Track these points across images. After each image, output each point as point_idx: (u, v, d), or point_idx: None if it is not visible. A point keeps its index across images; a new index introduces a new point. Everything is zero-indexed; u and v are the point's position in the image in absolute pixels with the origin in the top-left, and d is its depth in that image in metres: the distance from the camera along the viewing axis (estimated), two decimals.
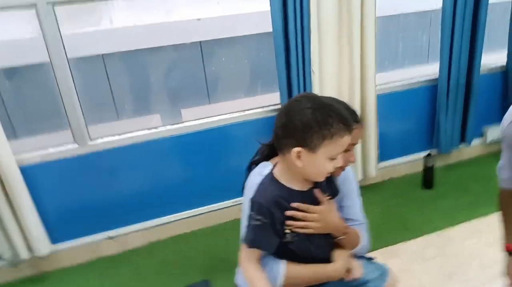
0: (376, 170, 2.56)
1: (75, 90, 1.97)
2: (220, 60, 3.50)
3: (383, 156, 2.61)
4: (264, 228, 0.97)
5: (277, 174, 1.02)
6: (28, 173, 1.94)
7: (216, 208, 2.37)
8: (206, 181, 2.30)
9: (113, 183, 2.14)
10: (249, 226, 1.00)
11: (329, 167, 0.96)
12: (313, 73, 2.17)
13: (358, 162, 2.50)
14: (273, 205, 0.97)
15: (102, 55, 3.17)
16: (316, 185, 1.02)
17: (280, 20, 2.02)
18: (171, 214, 2.30)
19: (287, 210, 0.99)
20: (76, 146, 2.03)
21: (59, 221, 2.10)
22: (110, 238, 2.20)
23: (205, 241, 2.27)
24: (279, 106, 2.28)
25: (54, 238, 2.09)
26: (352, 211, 1.22)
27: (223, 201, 2.37)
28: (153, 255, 2.19)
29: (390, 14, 3.35)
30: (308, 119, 0.90)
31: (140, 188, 2.19)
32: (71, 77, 1.93)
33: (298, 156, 0.93)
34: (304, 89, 2.21)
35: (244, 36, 3.27)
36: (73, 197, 2.09)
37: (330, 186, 1.09)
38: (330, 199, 1.08)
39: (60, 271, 2.12)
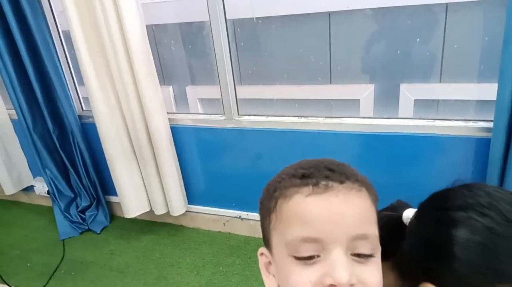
0: None
1: (230, 65, 1.80)
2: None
3: None
4: None
5: None
6: (177, 133, 1.99)
7: None
8: None
9: (254, 164, 1.96)
10: None
11: (305, 278, 0.44)
12: None
13: None
14: None
15: (329, 13, 2.88)
16: None
17: None
18: None
19: None
20: (223, 117, 1.92)
21: (198, 186, 2.12)
22: (240, 218, 2.09)
23: None
24: (491, 125, 1.44)
25: (191, 199, 2.15)
26: None
27: None
28: None
29: None
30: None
31: None
32: (227, 44, 1.76)
33: (267, 268, 0.53)
34: None
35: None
36: (215, 167, 2.04)
37: None
38: None
39: (195, 230, 2.20)
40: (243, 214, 2.09)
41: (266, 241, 0.51)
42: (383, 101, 1.94)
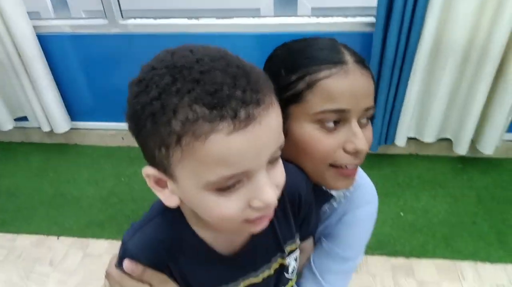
0: (497, 144, 1.74)
1: None
2: None
3: None
4: None
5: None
6: (47, 43, 1.78)
7: None
8: None
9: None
10: None
11: (233, 208, 0.42)
12: None
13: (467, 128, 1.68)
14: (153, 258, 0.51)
15: None
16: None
17: None
18: None
19: None
20: (106, 22, 1.75)
21: (87, 100, 1.99)
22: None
23: None
24: (373, 20, 1.54)
25: (79, 115, 2.05)
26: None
27: None
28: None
29: None
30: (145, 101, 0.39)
31: None
32: None
33: (158, 184, 0.45)
34: None
35: None
36: (103, 79, 1.90)
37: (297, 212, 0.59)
38: None
39: (91, 147, 2.12)
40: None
41: (159, 164, 0.42)
42: (283, 11, 1.91)
